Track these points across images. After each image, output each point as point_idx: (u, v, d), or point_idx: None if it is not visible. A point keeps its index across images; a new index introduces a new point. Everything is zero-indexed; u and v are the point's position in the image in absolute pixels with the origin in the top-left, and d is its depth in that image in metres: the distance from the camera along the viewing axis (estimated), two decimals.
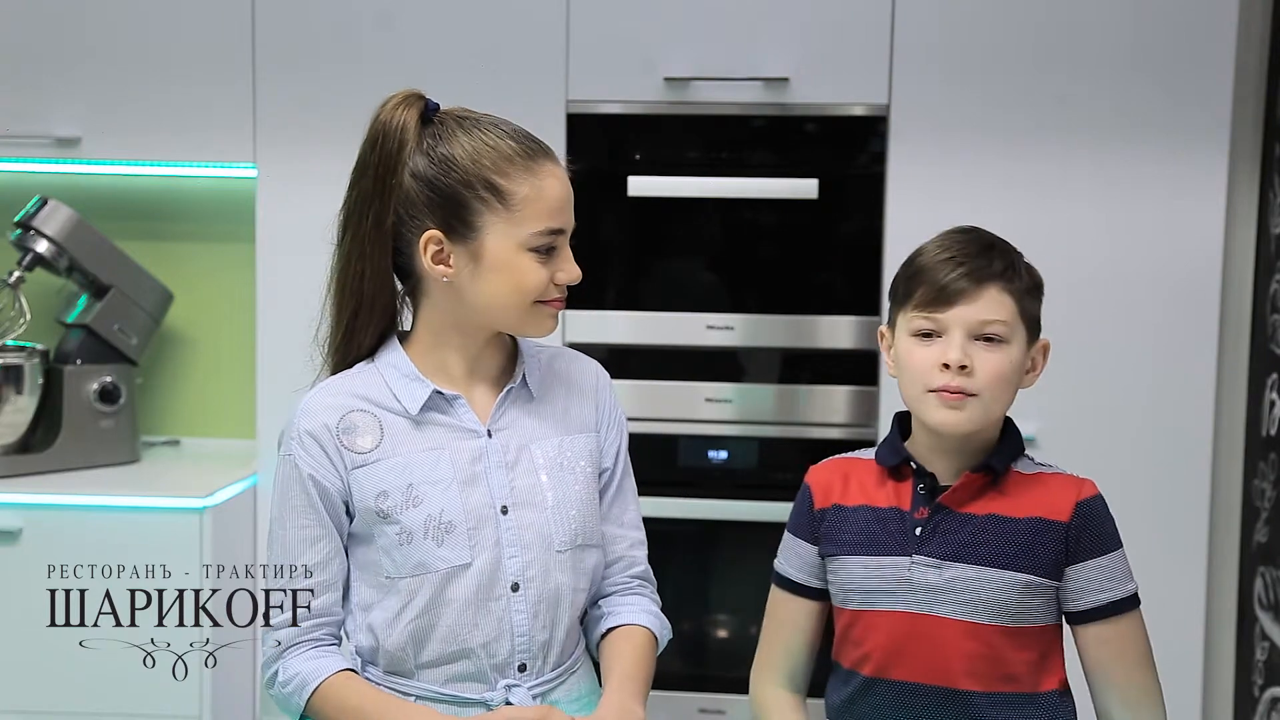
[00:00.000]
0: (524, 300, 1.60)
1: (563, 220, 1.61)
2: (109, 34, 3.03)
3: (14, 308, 3.08)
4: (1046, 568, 1.61)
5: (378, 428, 1.62)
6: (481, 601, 1.59)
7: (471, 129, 1.62)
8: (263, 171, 3.01)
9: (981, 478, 1.63)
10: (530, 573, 1.61)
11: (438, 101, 1.67)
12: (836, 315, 2.97)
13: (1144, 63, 2.85)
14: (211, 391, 3.35)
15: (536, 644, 1.61)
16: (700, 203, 2.97)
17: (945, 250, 1.62)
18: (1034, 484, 1.64)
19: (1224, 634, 2.96)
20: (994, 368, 1.59)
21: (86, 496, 2.90)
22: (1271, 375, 2.83)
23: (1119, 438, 2.90)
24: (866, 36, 2.89)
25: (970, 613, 1.60)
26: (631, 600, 1.72)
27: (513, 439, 1.64)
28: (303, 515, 1.62)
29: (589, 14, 2.93)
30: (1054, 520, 1.61)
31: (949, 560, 1.61)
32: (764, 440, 3.00)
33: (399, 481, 1.59)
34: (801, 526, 1.73)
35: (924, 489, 1.64)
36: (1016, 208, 2.86)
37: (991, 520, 1.61)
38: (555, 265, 1.61)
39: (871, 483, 1.69)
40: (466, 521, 1.59)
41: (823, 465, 1.76)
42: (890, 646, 1.63)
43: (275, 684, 1.62)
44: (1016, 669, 1.61)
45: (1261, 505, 2.84)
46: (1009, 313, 1.60)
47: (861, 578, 1.65)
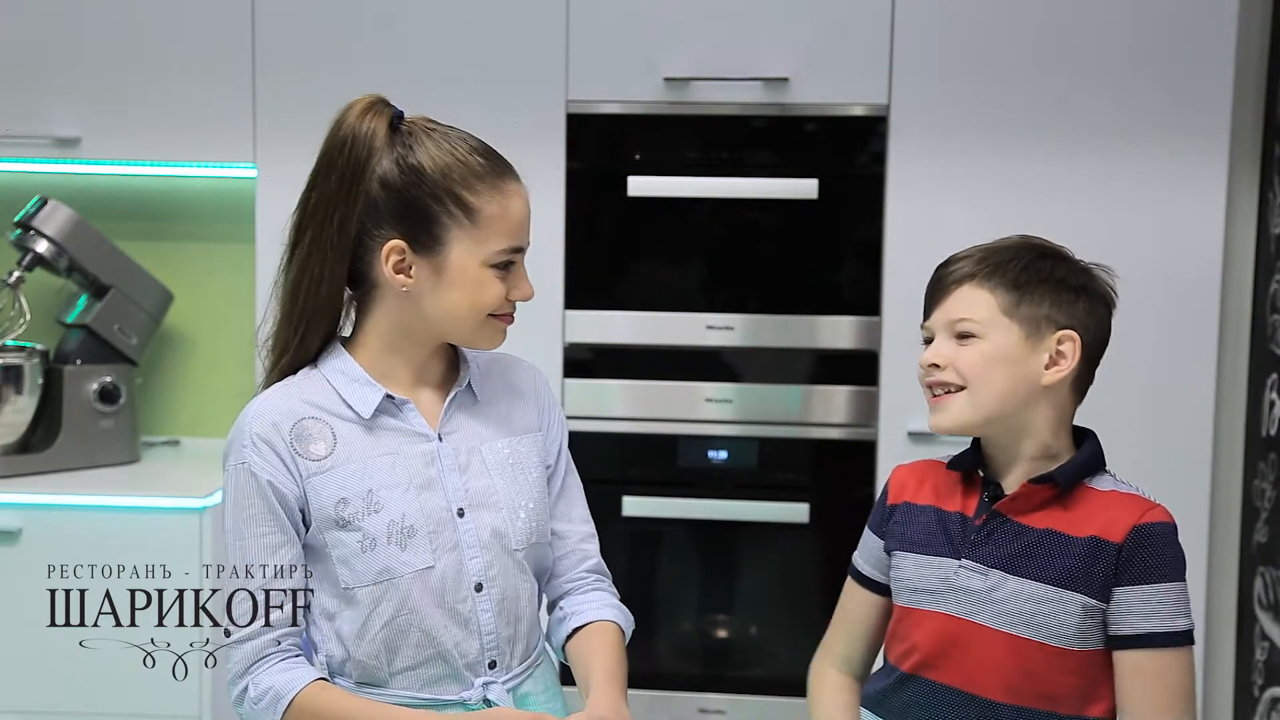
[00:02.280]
0: (479, 314, 1.62)
1: (524, 239, 1.64)
2: (109, 34, 3.03)
3: (14, 308, 3.08)
4: (1094, 588, 1.57)
5: (330, 434, 1.61)
6: (449, 604, 1.60)
7: (440, 141, 1.62)
8: (263, 171, 3.01)
9: (1044, 490, 1.62)
10: (492, 572, 1.63)
11: (402, 110, 1.68)
12: (836, 315, 2.97)
13: (1144, 63, 2.85)
14: (211, 391, 3.35)
15: (503, 640, 1.64)
16: (700, 203, 2.97)
17: (944, 262, 1.68)
18: (1102, 502, 1.61)
19: (1224, 634, 2.96)
20: (966, 359, 1.61)
21: (86, 496, 2.89)
22: (1271, 375, 2.83)
23: (1119, 438, 2.88)
24: (866, 36, 2.89)
25: (1011, 625, 1.59)
26: (592, 596, 1.75)
27: (462, 442, 1.66)
28: (261, 523, 1.59)
29: (589, 14, 2.93)
30: (1107, 540, 1.58)
31: (996, 569, 1.61)
32: (764, 440, 3.00)
33: (359, 487, 1.59)
34: (875, 521, 1.77)
35: (988, 496, 1.66)
36: (1016, 208, 2.86)
37: (1048, 535, 1.60)
38: (511, 282, 1.63)
39: (946, 486, 1.71)
40: (426, 525, 1.60)
41: (907, 465, 1.79)
42: (929, 646, 1.64)
43: (245, 700, 1.59)
44: (1057, 690, 1.59)
45: (1261, 505, 2.84)
46: (982, 308, 1.62)
47: (913, 574, 1.67)
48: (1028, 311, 1.63)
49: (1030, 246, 1.69)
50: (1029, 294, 1.64)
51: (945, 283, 1.65)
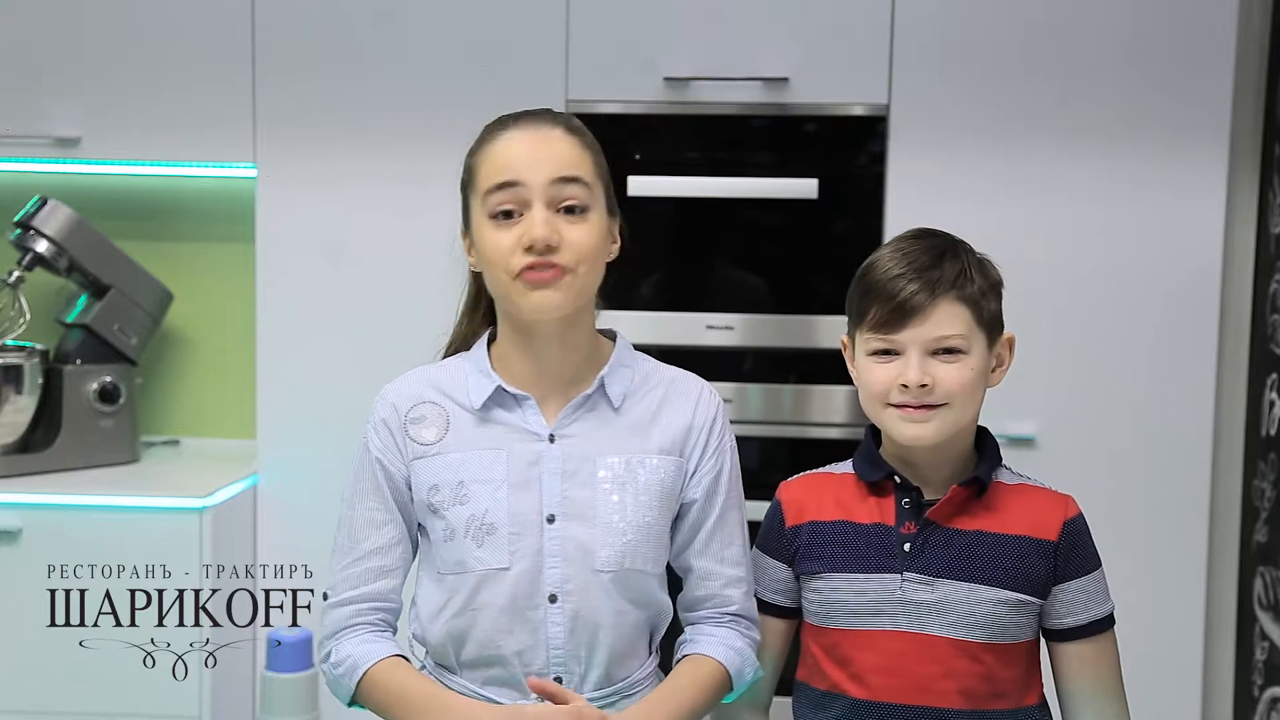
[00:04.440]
0: (501, 276, 1.56)
1: (512, 173, 1.55)
2: (109, 34, 3.03)
3: (14, 308, 3.08)
4: (1035, 586, 1.60)
5: (444, 420, 1.62)
6: (518, 609, 1.57)
7: (492, 121, 1.64)
8: (263, 171, 3.01)
9: (967, 491, 1.61)
10: (569, 586, 1.57)
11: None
12: (837, 315, 2.93)
13: (1144, 63, 2.85)
14: (211, 391, 3.34)
15: (572, 659, 1.58)
16: (700, 203, 2.97)
17: (895, 264, 1.59)
18: (1018, 498, 1.63)
19: (1224, 634, 2.96)
20: (955, 379, 1.57)
21: (86, 496, 2.89)
22: (1271, 375, 2.83)
23: (1119, 438, 2.90)
24: (866, 36, 2.89)
25: (963, 631, 1.58)
26: (716, 632, 1.65)
27: (576, 448, 1.60)
28: (371, 498, 1.63)
29: (589, 14, 2.93)
30: (1042, 539, 1.60)
31: (940, 577, 1.59)
32: (764, 440, 3.00)
33: (451, 477, 1.59)
34: (772, 544, 1.70)
35: (909, 503, 1.62)
36: (1016, 208, 2.86)
37: (980, 536, 1.60)
38: (522, 228, 1.55)
39: (849, 497, 1.66)
40: (510, 526, 1.57)
41: (795, 481, 1.73)
42: (882, 667, 1.59)
43: (328, 663, 1.63)
44: (1005, 686, 1.61)
45: (1261, 505, 2.84)
46: (964, 323, 1.57)
47: (848, 596, 1.61)
48: (989, 318, 1.61)
49: (956, 243, 1.63)
50: (986, 299, 1.60)
51: (916, 298, 1.56)
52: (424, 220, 2.94)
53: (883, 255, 1.63)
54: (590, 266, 1.58)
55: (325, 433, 2.95)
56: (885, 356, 1.60)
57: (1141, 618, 1.69)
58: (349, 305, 3.00)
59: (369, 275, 2.99)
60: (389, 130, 2.97)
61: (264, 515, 3.04)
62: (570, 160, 1.57)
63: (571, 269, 1.55)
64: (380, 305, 2.98)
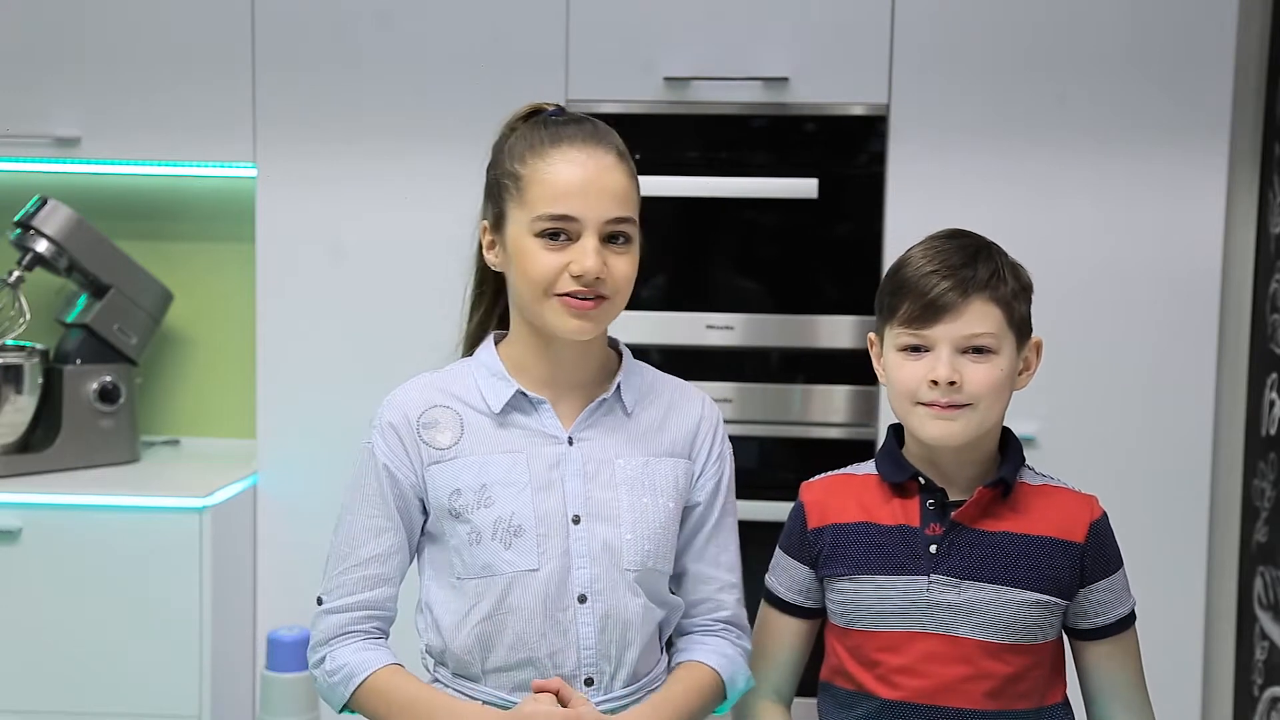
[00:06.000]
0: (535, 290, 1.57)
1: (569, 207, 1.56)
2: (109, 34, 3.03)
3: (14, 307, 3.08)
4: (1061, 588, 1.60)
5: (459, 425, 1.61)
6: (549, 611, 1.57)
7: (537, 125, 1.62)
8: (263, 171, 3.01)
9: (993, 492, 1.61)
10: (598, 586, 1.58)
11: (559, 107, 1.68)
12: (836, 315, 2.97)
13: (1144, 63, 2.85)
14: (211, 391, 3.34)
15: (603, 658, 1.59)
16: (700, 202, 2.97)
17: (929, 262, 1.59)
18: (1043, 499, 1.63)
19: (1224, 634, 2.96)
20: (984, 379, 1.57)
21: (86, 496, 2.89)
22: (1271, 375, 2.83)
23: (1119, 437, 2.90)
24: (866, 36, 2.89)
25: (991, 632, 1.58)
26: (709, 641, 1.68)
27: (595, 450, 1.62)
28: (373, 505, 1.62)
29: (589, 14, 2.93)
30: (1069, 541, 1.60)
31: (967, 579, 1.59)
32: (764, 440, 3.00)
33: (473, 481, 1.59)
34: (794, 546, 1.71)
35: (934, 504, 1.61)
36: (1016, 208, 2.86)
37: (1006, 538, 1.60)
38: (571, 255, 1.56)
39: (872, 499, 1.65)
40: (537, 527, 1.57)
41: (817, 482, 1.73)
42: (910, 668, 1.60)
43: (321, 669, 1.62)
44: (1030, 686, 1.61)
45: (1261, 505, 2.84)
46: (996, 323, 1.57)
47: (874, 598, 1.61)
48: (1019, 321, 1.61)
49: (989, 245, 1.63)
50: (1018, 301, 1.61)
51: (948, 295, 1.56)
52: (424, 220, 2.95)
53: (915, 253, 1.63)
54: (626, 293, 1.63)
55: (325, 433, 2.96)
56: (915, 353, 1.60)
57: (1141, 617, 1.69)
58: (349, 305, 3.00)
59: (369, 275, 2.99)
60: (389, 130, 2.97)
61: (264, 515, 3.04)
62: (623, 197, 1.61)
63: (610, 297, 1.60)
64: (380, 305, 2.99)
